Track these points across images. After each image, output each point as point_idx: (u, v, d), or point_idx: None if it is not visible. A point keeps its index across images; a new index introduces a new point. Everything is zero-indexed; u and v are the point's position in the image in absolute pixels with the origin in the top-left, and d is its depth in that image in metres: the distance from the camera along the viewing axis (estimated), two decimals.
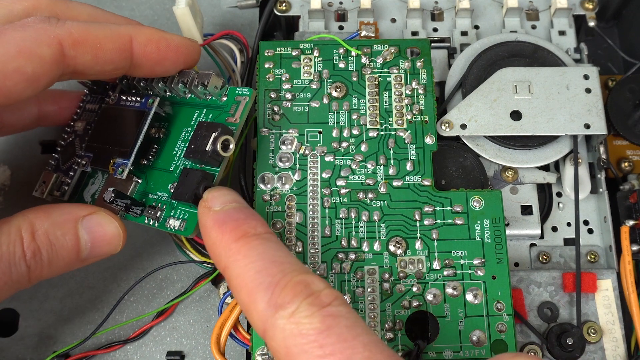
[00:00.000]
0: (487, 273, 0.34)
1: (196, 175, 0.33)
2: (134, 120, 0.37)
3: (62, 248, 0.32)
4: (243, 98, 0.35)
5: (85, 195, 0.38)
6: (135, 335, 0.39)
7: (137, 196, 0.36)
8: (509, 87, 0.39)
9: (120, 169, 0.35)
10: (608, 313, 0.36)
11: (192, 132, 0.35)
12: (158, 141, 0.37)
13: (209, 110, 0.36)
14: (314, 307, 0.25)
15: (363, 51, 0.39)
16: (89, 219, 0.33)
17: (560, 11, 0.43)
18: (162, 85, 0.37)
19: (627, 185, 0.39)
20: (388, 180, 0.36)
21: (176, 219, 0.33)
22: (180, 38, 0.36)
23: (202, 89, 0.35)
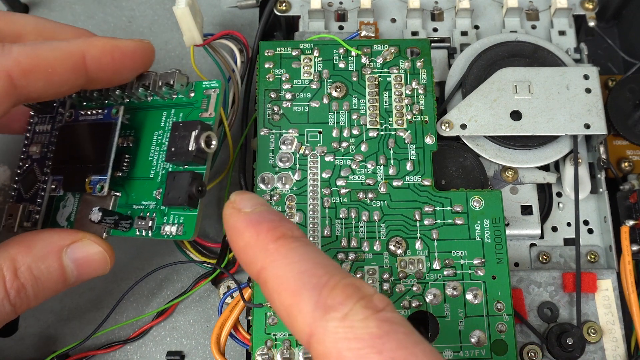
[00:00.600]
0: (487, 273, 0.34)
1: (185, 177, 0.32)
2: (99, 133, 0.35)
3: (47, 280, 0.32)
4: (213, 91, 0.35)
5: (59, 220, 0.36)
6: (135, 335, 0.39)
7: (121, 209, 0.35)
8: (509, 87, 0.39)
9: (98, 186, 0.34)
10: (608, 313, 0.36)
11: (169, 134, 0.34)
12: (128, 150, 0.36)
13: (178, 110, 0.35)
14: (368, 311, 0.24)
15: (363, 51, 0.39)
16: (73, 248, 0.32)
17: (560, 11, 0.43)
18: (119, 93, 0.36)
19: (627, 185, 0.39)
20: (388, 180, 0.36)
21: (171, 224, 0.33)
22: (133, 42, 0.35)
23: (166, 89, 0.35)
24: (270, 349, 0.33)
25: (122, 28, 0.47)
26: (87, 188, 0.34)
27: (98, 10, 0.47)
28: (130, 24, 0.47)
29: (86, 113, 0.36)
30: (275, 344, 0.33)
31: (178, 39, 0.46)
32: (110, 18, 0.47)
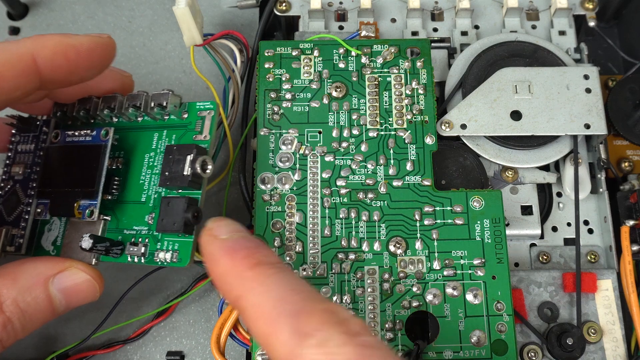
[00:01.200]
0: (487, 273, 0.34)
1: (180, 202, 0.31)
2: (88, 156, 0.34)
3: (35, 312, 0.31)
4: (207, 112, 0.34)
5: (44, 244, 0.35)
6: (135, 335, 0.39)
7: (111, 234, 0.34)
8: (509, 87, 0.39)
9: (88, 211, 0.33)
10: (608, 313, 0.36)
11: (162, 157, 0.33)
12: (118, 172, 0.35)
13: (170, 131, 0.34)
14: (344, 336, 0.23)
15: (363, 51, 0.39)
16: (60, 277, 0.32)
17: (560, 11, 0.43)
18: (108, 112, 0.35)
19: (627, 185, 0.39)
20: (388, 180, 0.36)
21: (165, 251, 0.32)
22: (90, 39, 0.33)
23: (159, 109, 0.34)
24: None
25: (122, 28, 0.47)
26: (76, 213, 0.33)
27: (98, 10, 0.47)
28: (130, 24, 0.47)
29: (73, 134, 0.35)
30: None
31: (178, 39, 0.46)
32: (110, 18, 0.47)
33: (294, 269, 0.34)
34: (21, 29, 0.47)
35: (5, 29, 0.47)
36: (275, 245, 0.34)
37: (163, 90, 0.34)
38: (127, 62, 0.46)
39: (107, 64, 0.34)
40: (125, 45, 0.46)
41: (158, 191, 0.33)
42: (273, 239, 0.34)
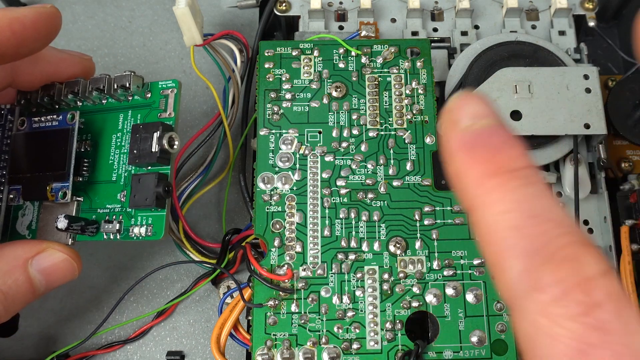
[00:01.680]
0: (487, 273, 0.34)
1: (150, 178, 0.32)
2: (56, 140, 0.35)
3: (16, 294, 0.31)
4: (170, 90, 0.35)
5: (19, 229, 0.36)
6: (135, 335, 0.39)
7: (85, 215, 0.35)
8: (509, 87, 0.39)
9: (60, 193, 0.34)
10: None
11: (130, 137, 0.34)
12: (87, 154, 0.36)
13: (135, 111, 0.35)
14: (580, 307, 0.18)
15: (363, 51, 0.39)
16: (38, 259, 0.32)
17: (560, 11, 0.43)
18: (72, 97, 0.36)
19: (627, 185, 0.39)
20: (388, 180, 0.36)
21: (140, 226, 0.33)
22: (33, 10, 0.33)
23: (122, 91, 0.35)
24: (270, 349, 0.33)
25: (122, 28, 0.47)
26: (49, 196, 0.34)
27: (98, 10, 0.47)
28: (130, 24, 0.47)
29: (39, 120, 0.36)
30: (275, 344, 0.33)
31: (178, 39, 0.46)
32: (110, 18, 0.47)
33: (293, 269, 0.34)
34: None
35: None
36: (275, 245, 0.34)
37: (125, 71, 0.35)
38: (127, 62, 0.46)
39: (54, 34, 0.34)
40: (125, 45, 0.46)
41: (128, 169, 0.34)
42: (273, 239, 0.34)
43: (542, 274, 0.19)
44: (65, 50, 0.37)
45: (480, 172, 0.22)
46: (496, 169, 0.22)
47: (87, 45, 0.46)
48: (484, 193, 0.21)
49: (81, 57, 0.38)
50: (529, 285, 0.19)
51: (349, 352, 0.33)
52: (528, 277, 0.19)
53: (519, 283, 0.20)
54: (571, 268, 0.19)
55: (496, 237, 0.21)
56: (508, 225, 0.20)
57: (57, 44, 0.46)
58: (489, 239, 0.21)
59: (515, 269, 0.20)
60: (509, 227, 0.20)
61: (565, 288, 0.19)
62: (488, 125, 0.23)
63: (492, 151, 0.22)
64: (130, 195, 0.33)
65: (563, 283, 0.19)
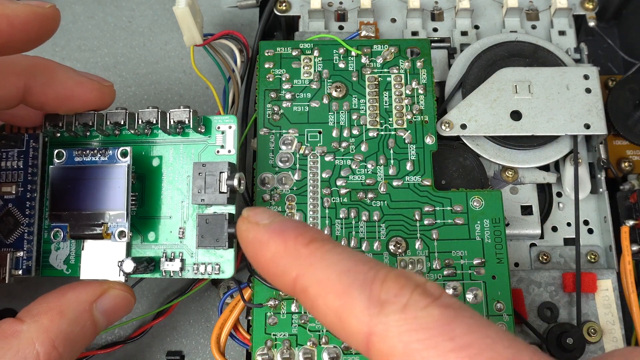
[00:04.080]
0: (487, 273, 0.34)
1: (219, 219, 0.32)
2: (105, 177, 0.33)
3: (83, 339, 0.31)
4: (227, 127, 0.34)
5: (54, 264, 0.35)
6: (135, 335, 0.39)
7: (136, 251, 0.34)
8: (509, 87, 0.39)
9: (117, 232, 0.33)
10: (608, 313, 0.36)
11: (192, 174, 0.33)
12: (134, 188, 0.34)
13: (187, 146, 0.34)
14: (427, 299, 0.22)
15: (363, 51, 0.39)
16: (102, 301, 0.32)
17: (560, 11, 0.43)
18: (111, 127, 0.34)
19: (627, 185, 0.39)
20: (388, 180, 0.36)
21: (206, 264, 0.33)
22: (28, 10, 0.30)
23: (175, 125, 0.33)
24: (270, 349, 0.33)
25: (122, 28, 0.47)
26: (105, 235, 0.33)
27: (98, 10, 0.47)
28: (130, 24, 0.47)
29: (82, 153, 0.34)
30: (275, 344, 0.33)
31: (178, 39, 0.46)
32: (110, 18, 0.47)
33: None
34: None
35: None
36: None
37: (181, 107, 0.34)
38: (127, 62, 0.46)
39: (47, 36, 0.32)
40: (125, 45, 0.46)
41: (185, 206, 0.34)
42: None
43: (385, 291, 0.22)
44: (84, 74, 0.35)
45: (298, 245, 0.25)
46: (310, 239, 0.25)
47: (87, 45, 0.46)
48: (307, 258, 0.24)
49: (100, 83, 0.35)
50: (379, 305, 0.22)
51: (349, 352, 0.33)
52: (376, 299, 0.22)
53: (370, 308, 0.22)
54: (405, 280, 0.23)
55: (332, 284, 0.23)
56: (340, 271, 0.23)
57: (57, 44, 0.46)
58: (325, 291, 0.23)
59: (362, 300, 0.22)
60: (341, 271, 0.23)
61: (409, 292, 0.22)
62: (286, 218, 0.27)
63: (299, 230, 0.26)
64: (197, 236, 0.32)
65: (405, 289, 0.22)
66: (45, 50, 0.46)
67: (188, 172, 0.34)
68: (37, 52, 0.45)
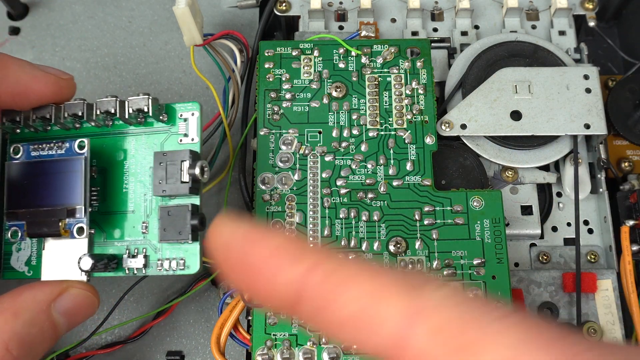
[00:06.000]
0: (487, 273, 0.34)
1: (183, 210, 0.30)
2: (63, 171, 0.31)
3: (40, 341, 0.29)
4: (191, 113, 0.32)
5: (15, 265, 0.33)
6: (135, 335, 0.39)
7: (99, 249, 0.32)
8: (509, 87, 0.39)
9: (76, 229, 0.31)
10: (608, 313, 0.36)
11: (153, 165, 0.31)
12: (94, 182, 0.32)
13: (149, 136, 0.33)
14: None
15: (363, 51, 0.39)
16: (61, 301, 0.30)
17: (560, 11, 0.43)
18: (71, 120, 0.33)
19: (627, 185, 0.39)
20: (388, 180, 0.36)
21: (170, 259, 0.31)
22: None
23: (135, 114, 0.32)
24: (270, 349, 0.33)
25: (122, 28, 0.47)
26: (63, 232, 0.31)
27: (98, 10, 0.47)
28: (130, 24, 0.47)
29: (39, 147, 0.32)
30: (275, 344, 0.33)
31: (178, 39, 0.46)
32: (110, 18, 0.47)
33: None
34: (21, 29, 0.47)
35: (5, 29, 0.47)
36: None
37: (139, 94, 0.32)
38: (127, 62, 0.46)
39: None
40: (125, 45, 0.46)
41: (148, 199, 0.32)
42: None
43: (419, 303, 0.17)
44: (40, 67, 0.33)
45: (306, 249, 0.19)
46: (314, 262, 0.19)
47: (87, 45, 0.46)
48: (323, 253, 0.19)
49: (58, 76, 0.33)
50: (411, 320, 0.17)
51: (349, 352, 0.33)
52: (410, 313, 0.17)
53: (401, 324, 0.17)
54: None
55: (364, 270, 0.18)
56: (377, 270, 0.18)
57: (57, 44, 0.46)
58: (359, 274, 0.18)
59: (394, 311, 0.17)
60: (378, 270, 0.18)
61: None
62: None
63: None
64: (159, 229, 0.31)
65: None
66: (45, 50, 0.46)
67: (151, 164, 0.32)
68: (38, 52, 0.46)
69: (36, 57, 0.46)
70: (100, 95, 0.44)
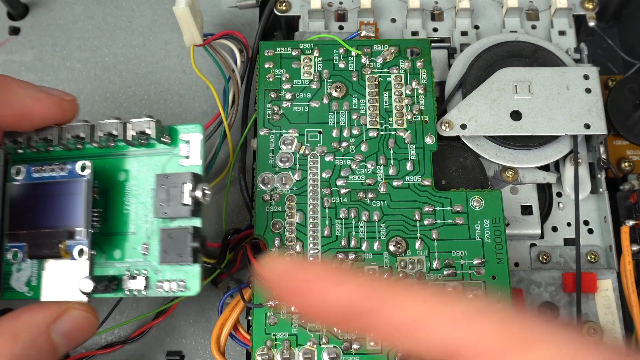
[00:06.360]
0: (487, 273, 0.34)
1: (183, 233, 0.30)
2: (64, 192, 0.31)
3: None
4: (193, 136, 0.32)
5: (15, 285, 0.33)
6: (135, 335, 0.39)
7: (100, 269, 0.32)
8: (509, 87, 0.39)
9: (76, 251, 0.31)
10: (608, 313, 0.36)
11: (155, 187, 0.31)
12: (96, 204, 0.32)
13: (151, 158, 0.32)
14: None
15: (363, 51, 0.39)
16: (60, 323, 0.30)
17: (560, 11, 0.43)
18: (73, 141, 0.33)
19: (627, 185, 0.39)
20: (388, 180, 0.36)
21: (170, 281, 0.31)
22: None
23: (138, 136, 0.32)
24: (270, 349, 0.33)
25: (122, 28, 0.47)
26: (63, 254, 0.31)
27: (98, 10, 0.47)
28: (130, 24, 0.47)
29: (41, 169, 0.32)
30: (275, 344, 0.33)
31: (178, 39, 0.46)
32: (110, 18, 0.47)
33: None
34: (21, 29, 0.47)
35: (5, 29, 0.47)
36: (276, 245, 0.34)
37: (143, 117, 0.32)
38: (127, 62, 0.46)
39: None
40: (125, 45, 0.46)
41: (149, 221, 0.32)
42: (273, 239, 0.34)
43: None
44: (43, 89, 0.33)
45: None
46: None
47: (87, 45, 0.46)
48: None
49: (60, 98, 0.33)
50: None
51: (349, 353, 0.33)
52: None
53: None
54: None
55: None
56: None
57: (57, 44, 0.46)
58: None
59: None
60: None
61: None
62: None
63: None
64: (160, 251, 0.31)
65: None
66: (45, 50, 0.46)
67: (152, 185, 0.32)
68: (38, 52, 0.46)
69: (36, 57, 0.46)
70: (100, 94, 0.45)
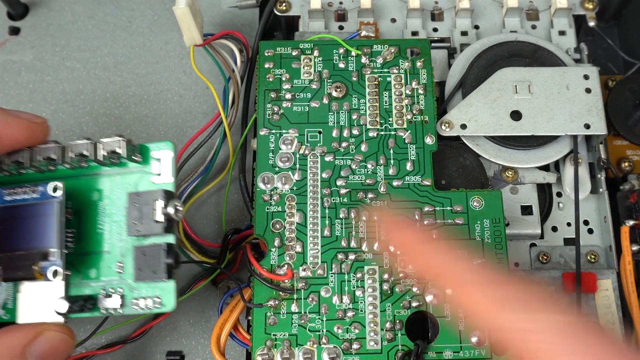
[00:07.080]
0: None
1: (157, 250, 0.30)
2: (37, 214, 0.31)
3: None
4: (164, 153, 0.32)
5: None
6: (135, 335, 0.39)
7: (75, 289, 0.32)
8: (509, 87, 0.39)
9: (50, 272, 0.30)
10: (608, 313, 0.36)
11: (127, 206, 0.31)
12: (70, 224, 0.32)
13: (123, 176, 0.32)
14: None
15: (363, 51, 0.39)
16: (36, 345, 0.29)
17: (560, 11, 0.43)
18: (45, 163, 0.32)
19: (627, 185, 0.39)
20: (388, 180, 0.36)
21: (145, 298, 0.31)
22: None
23: (108, 156, 0.32)
24: (270, 349, 0.33)
25: (122, 28, 0.47)
26: (38, 276, 0.31)
27: (98, 10, 0.47)
28: (130, 24, 0.47)
29: (12, 192, 0.32)
30: (275, 344, 0.33)
31: (178, 39, 0.46)
32: (110, 18, 0.47)
33: (293, 269, 0.34)
34: (21, 29, 0.47)
35: (5, 29, 0.47)
36: (276, 245, 0.34)
37: (113, 137, 0.32)
38: (127, 62, 0.46)
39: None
40: (125, 45, 0.46)
41: (123, 239, 0.32)
42: (273, 239, 0.34)
43: None
44: (12, 112, 0.33)
45: None
46: None
47: (87, 45, 0.46)
48: None
49: (30, 121, 0.33)
50: None
51: (349, 352, 0.33)
52: None
53: None
54: None
55: None
56: None
57: (57, 44, 0.46)
58: None
59: None
60: None
61: None
62: None
63: None
64: (135, 269, 0.30)
65: None
66: (45, 50, 0.46)
67: (125, 204, 0.32)
68: (38, 52, 0.46)
69: (36, 57, 0.46)
70: (100, 95, 0.45)
